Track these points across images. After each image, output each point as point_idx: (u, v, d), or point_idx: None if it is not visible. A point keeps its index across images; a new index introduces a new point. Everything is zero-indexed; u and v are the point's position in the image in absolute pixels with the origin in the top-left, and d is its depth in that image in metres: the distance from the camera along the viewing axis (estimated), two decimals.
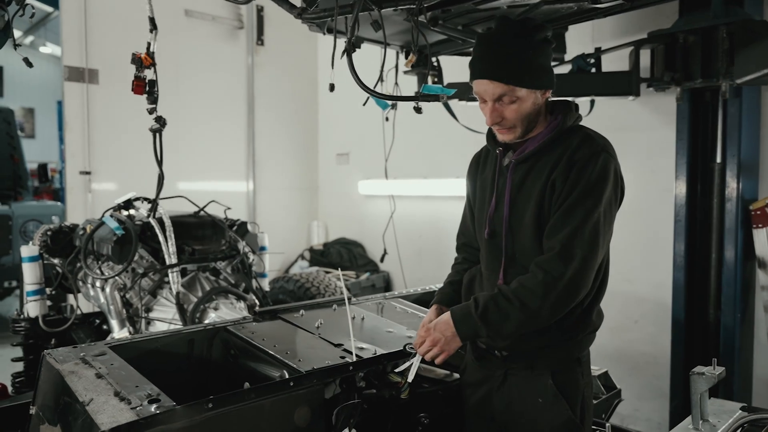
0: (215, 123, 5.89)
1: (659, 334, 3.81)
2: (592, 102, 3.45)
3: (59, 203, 7.05)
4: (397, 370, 1.95)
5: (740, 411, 2.01)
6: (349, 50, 1.76)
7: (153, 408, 1.50)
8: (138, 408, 1.50)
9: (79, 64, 5.01)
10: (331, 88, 2.22)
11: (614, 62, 3.65)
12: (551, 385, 1.78)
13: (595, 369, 2.66)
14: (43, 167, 7.75)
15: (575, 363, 1.82)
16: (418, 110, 2.31)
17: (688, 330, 3.44)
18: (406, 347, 1.99)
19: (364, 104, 2.28)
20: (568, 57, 3.51)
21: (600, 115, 3.95)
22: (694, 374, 1.94)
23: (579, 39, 3.73)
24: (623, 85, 3.19)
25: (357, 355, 1.97)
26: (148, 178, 3.02)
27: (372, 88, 2.25)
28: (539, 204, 1.73)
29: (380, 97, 1.84)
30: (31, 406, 1.85)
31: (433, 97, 1.78)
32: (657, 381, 3.90)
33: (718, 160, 3.28)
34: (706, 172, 3.38)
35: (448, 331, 1.75)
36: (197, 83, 5.72)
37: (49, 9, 12.21)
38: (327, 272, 5.81)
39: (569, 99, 1.93)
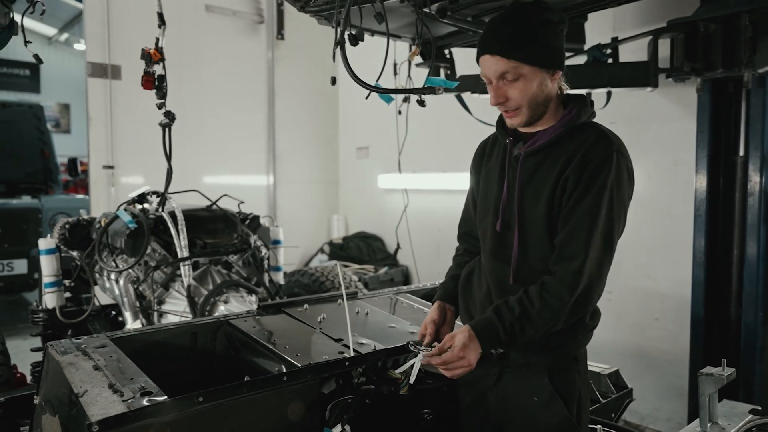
0: (236, 117, 5.95)
1: (680, 332, 3.71)
2: (609, 94, 3.35)
3: (87, 196, 7.22)
4: (398, 371, 1.92)
5: (750, 415, 1.93)
6: (342, 43, 1.74)
7: (145, 401, 1.52)
8: (130, 400, 1.51)
9: (102, 60, 5.11)
10: (333, 81, 2.20)
11: (636, 53, 3.55)
12: (547, 384, 1.74)
13: (606, 367, 2.61)
14: (72, 161, 7.93)
15: (572, 361, 1.78)
16: (421, 103, 2.28)
17: (708, 328, 3.34)
18: (409, 345, 1.96)
19: (366, 98, 2.26)
20: (588, 47, 3.42)
21: (620, 106, 3.86)
22: (703, 375, 1.88)
23: (600, 29, 3.65)
24: (641, 76, 3.09)
25: (355, 351, 1.96)
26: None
27: (376, 80, 2.24)
28: (549, 202, 1.68)
29: (374, 90, 1.82)
30: (35, 397, 1.90)
31: (429, 90, 1.74)
32: (678, 380, 3.80)
33: (741, 153, 3.16)
34: (729, 165, 3.26)
35: (478, 349, 1.67)
36: (218, 78, 5.78)
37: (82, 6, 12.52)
38: (345, 266, 5.82)
39: (584, 93, 1.87)
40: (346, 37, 1.98)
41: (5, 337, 3.20)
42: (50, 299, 3.16)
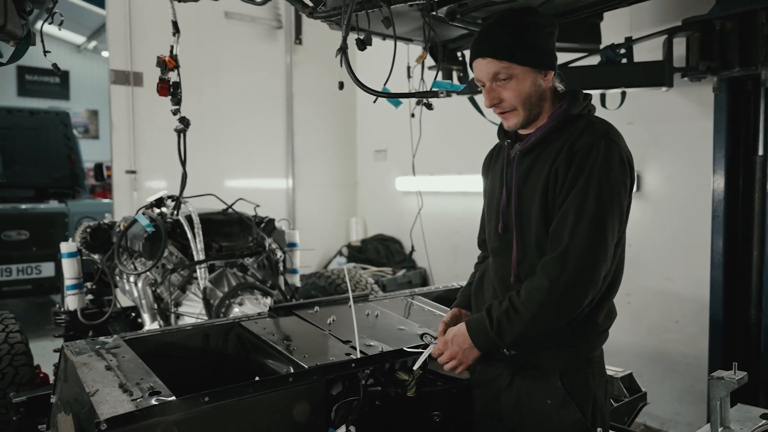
0: (255, 121, 6.03)
1: (700, 335, 3.65)
2: (623, 94, 3.32)
3: (111, 201, 7.38)
4: (416, 366, 1.93)
5: (763, 420, 1.90)
6: (344, 49, 1.75)
7: (153, 400, 1.56)
8: (138, 400, 1.56)
9: (125, 67, 5.22)
10: (341, 86, 2.23)
11: (652, 52, 3.51)
12: (560, 387, 1.74)
13: (619, 371, 2.58)
14: (98, 166, 8.13)
15: (585, 364, 1.77)
16: (428, 106, 2.30)
17: (727, 332, 3.27)
18: (423, 337, 2.01)
19: (374, 102, 2.27)
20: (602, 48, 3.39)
21: (637, 106, 3.81)
22: (713, 379, 1.85)
23: (617, 28, 3.61)
24: (655, 75, 3.05)
25: (362, 352, 1.98)
26: (190, 176, 3.15)
27: (384, 84, 2.26)
28: (543, 197, 1.69)
29: (376, 95, 1.84)
30: (51, 396, 1.96)
31: (432, 93, 1.76)
32: (699, 384, 3.74)
33: (760, 152, 3.10)
34: (748, 165, 3.20)
35: (465, 344, 1.75)
36: (238, 83, 5.87)
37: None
38: (364, 268, 5.85)
39: (584, 91, 1.87)
40: (351, 42, 2.01)
41: (33, 338, 3.29)
42: (72, 301, 3.25)
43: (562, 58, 3.51)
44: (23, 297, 6.73)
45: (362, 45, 2.32)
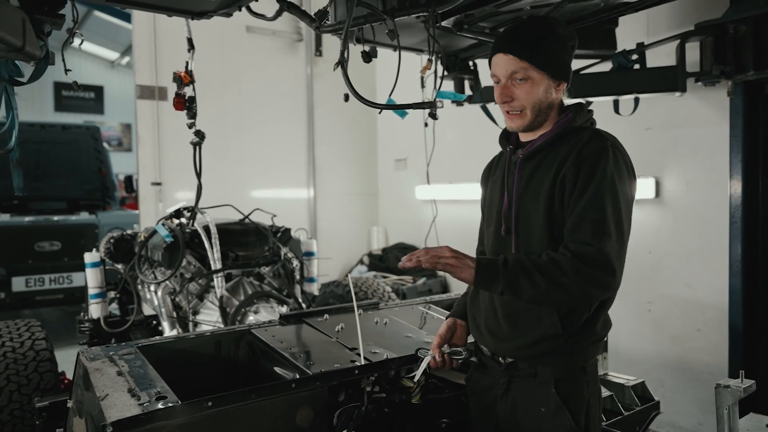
0: (277, 132, 6.14)
1: (723, 343, 3.57)
2: (636, 100, 3.29)
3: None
4: (408, 376, 1.97)
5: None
6: (342, 62, 1.80)
7: (160, 405, 1.61)
8: (145, 404, 1.62)
9: (150, 82, 5.38)
10: (346, 98, 2.28)
11: (670, 56, 3.47)
12: (554, 395, 1.74)
13: (631, 379, 2.55)
14: (128, 179, 8.36)
15: (580, 372, 1.77)
16: (432, 116, 2.33)
17: (748, 339, 3.20)
18: (418, 352, 2.02)
19: (380, 113, 2.32)
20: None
21: (655, 112, 3.78)
22: (720, 387, 1.84)
23: (634, 34, 3.59)
24: (668, 80, 3.03)
25: (366, 359, 2.01)
26: (213, 187, 3.23)
27: (390, 94, 2.30)
28: (548, 203, 1.70)
29: (373, 106, 1.88)
30: (68, 400, 2.04)
31: (429, 104, 1.79)
32: None
33: None
34: (767, 169, 3.14)
35: (466, 260, 1.65)
36: (260, 95, 5.99)
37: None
38: (384, 277, 5.88)
39: (583, 101, 1.89)
40: (358, 54, 2.06)
41: (63, 345, 3.39)
42: (95, 310, 3.36)
43: (575, 64, 3.52)
44: (55, 306, 6.93)
45: (367, 57, 2.37)
